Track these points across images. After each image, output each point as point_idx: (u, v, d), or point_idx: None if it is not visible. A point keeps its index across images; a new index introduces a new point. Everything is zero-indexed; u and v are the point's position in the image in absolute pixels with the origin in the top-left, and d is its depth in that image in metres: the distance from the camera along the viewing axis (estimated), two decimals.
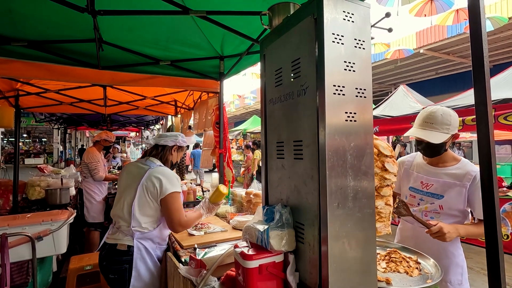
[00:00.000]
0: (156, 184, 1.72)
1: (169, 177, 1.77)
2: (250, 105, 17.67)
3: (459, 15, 6.13)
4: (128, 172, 1.89)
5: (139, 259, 1.72)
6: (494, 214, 0.84)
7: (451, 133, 1.59)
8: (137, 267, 1.71)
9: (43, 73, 2.95)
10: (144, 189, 1.73)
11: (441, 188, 1.66)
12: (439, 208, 1.66)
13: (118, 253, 1.72)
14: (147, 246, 1.76)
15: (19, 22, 2.36)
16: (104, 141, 4.30)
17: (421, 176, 1.75)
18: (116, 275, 1.72)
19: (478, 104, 0.89)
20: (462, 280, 1.64)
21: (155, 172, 1.76)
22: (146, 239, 1.76)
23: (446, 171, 1.67)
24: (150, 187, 1.73)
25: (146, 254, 1.75)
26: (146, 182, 1.73)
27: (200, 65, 3.41)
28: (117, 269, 1.72)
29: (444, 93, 10.57)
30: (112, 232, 1.81)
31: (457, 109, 4.85)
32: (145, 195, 1.73)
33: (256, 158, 8.73)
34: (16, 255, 2.15)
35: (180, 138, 2.00)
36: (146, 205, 1.73)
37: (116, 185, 4.81)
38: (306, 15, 1.01)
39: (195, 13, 2.13)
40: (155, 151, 1.94)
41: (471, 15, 0.90)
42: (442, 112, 1.60)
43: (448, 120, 1.59)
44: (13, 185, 3.76)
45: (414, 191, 1.77)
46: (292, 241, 1.06)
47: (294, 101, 1.09)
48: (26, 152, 18.55)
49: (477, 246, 4.81)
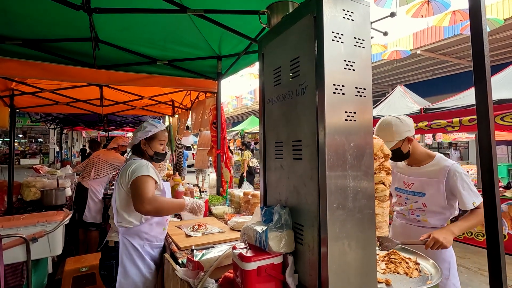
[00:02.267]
0: (126, 174, 1.73)
1: (138, 165, 1.76)
2: (247, 105, 17.68)
3: (456, 16, 6.17)
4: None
5: (125, 254, 1.73)
6: (495, 214, 0.83)
7: (397, 139, 1.67)
8: (123, 262, 1.72)
9: (39, 73, 2.91)
10: (120, 184, 1.75)
11: (421, 187, 1.74)
12: (423, 206, 1.73)
13: (108, 250, 1.76)
14: (134, 242, 1.75)
15: (13, 21, 2.32)
16: (122, 146, 4.39)
17: (403, 177, 1.85)
18: (105, 271, 1.76)
19: (479, 104, 0.88)
20: (449, 275, 1.67)
21: (126, 165, 1.79)
22: (132, 235, 1.76)
23: (422, 170, 1.76)
24: (123, 179, 1.74)
25: (133, 250, 1.75)
26: (120, 176, 1.76)
27: (198, 65, 3.39)
28: (106, 265, 1.76)
29: (441, 93, 10.62)
30: (110, 229, 1.85)
31: (454, 109, 4.89)
32: (122, 188, 1.75)
33: (245, 159, 8.74)
34: (11, 257, 2.12)
35: (139, 132, 1.90)
36: (125, 199, 1.75)
37: (112, 186, 4.79)
38: (305, 14, 1.00)
39: (192, 12, 2.12)
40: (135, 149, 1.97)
41: (472, 14, 0.90)
42: (385, 123, 1.72)
43: (390, 130, 1.68)
44: (8, 186, 3.71)
45: (399, 191, 1.87)
46: (291, 242, 1.05)
47: (293, 101, 1.08)
48: (21, 152, 18.36)
49: (474, 246, 4.83)
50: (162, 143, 1.97)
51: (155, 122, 1.96)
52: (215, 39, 2.86)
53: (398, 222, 1.92)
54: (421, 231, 1.62)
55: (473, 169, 7.82)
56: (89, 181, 4.05)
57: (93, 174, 4.07)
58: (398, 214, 1.91)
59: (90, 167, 4.14)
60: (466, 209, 1.61)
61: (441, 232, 1.50)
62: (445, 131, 4.81)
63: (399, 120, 1.71)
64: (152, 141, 1.92)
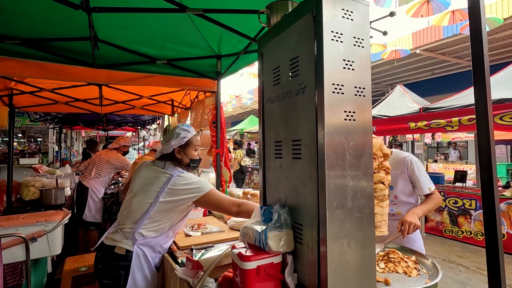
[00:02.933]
0: (182, 193, 1.63)
1: (191, 183, 1.66)
2: (247, 105, 17.66)
3: (455, 15, 6.16)
4: (144, 173, 1.77)
5: (137, 266, 1.61)
6: (494, 214, 0.83)
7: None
8: (134, 274, 1.60)
9: (38, 72, 2.90)
10: (166, 200, 1.62)
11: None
12: (395, 198, 1.88)
13: (115, 257, 1.61)
14: (147, 253, 1.65)
15: (12, 20, 2.31)
16: (123, 147, 4.42)
17: None
18: (110, 280, 1.60)
19: (478, 102, 0.88)
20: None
21: (177, 179, 1.65)
22: (147, 246, 1.65)
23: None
24: (174, 197, 1.63)
25: (145, 261, 1.64)
26: (171, 192, 1.63)
27: (197, 64, 3.38)
28: (112, 274, 1.60)
29: (440, 93, 10.64)
30: (113, 232, 1.70)
31: (453, 109, 4.89)
32: (166, 204, 1.63)
33: (236, 158, 8.79)
34: (10, 256, 2.12)
35: (173, 140, 1.77)
36: (164, 213, 1.65)
37: (112, 185, 4.79)
38: (305, 13, 1.00)
39: (191, 11, 2.11)
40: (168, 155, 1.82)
41: (472, 14, 0.90)
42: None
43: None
44: (7, 185, 3.71)
45: None
46: (290, 242, 1.05)
47: (292, 100, 1.08)
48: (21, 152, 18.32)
49: (473, 245, 4.84)
50: (196, 149, 1.86)
51: (186, 127, 1.82)
52: (214, 38, 2.85)
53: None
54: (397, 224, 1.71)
55: (472, 168, 7.83)
56: (89, 180, 4.06)
57: (94, 173, 4.08)
58: None
59: (91, 167, 4.15)
60: (423, 193, 1.81)
61: (409, 216, 1.64)
62: (444, 130, 4.81)
63: None
64: (187, 147, 1.80)
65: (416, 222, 1.61)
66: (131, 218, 1.65)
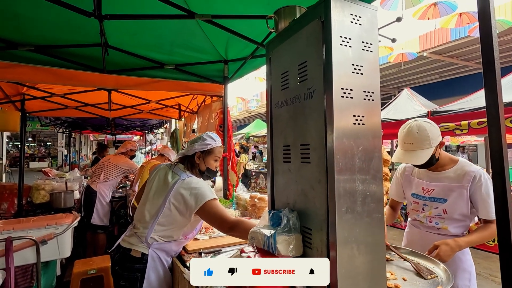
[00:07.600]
0: (184, 199, 1.64)
1: (201, 187, 1.66)
2: (253, 109, 17.68)
3: (462, 18, 6.12)
4: (159, 176, 1.80)
5: (152, 269, 1.65)
6: (507, 219, 0.82)
7: (434, 145, 1.56)
8: (149, 277, 1.64)
9: (49, 77, 2.97)
10: (171, 204, 1.65)
11: (443, 192, 1.64)
12: (443, 212, 1.64)
13: (131, 260, 1.65)
14: (161, 256, 1.69)
15: (26, 27, 2.38)
16: (130, 151, 4.48)
17: (422, 182, 1.74)
18: (127, 282, 1.65)
19: (490, 108, 0.87)
20: (470, 285, 1.62)
21: (181, 186, 1.67)
22: (162, 250, 1.69)
23: (445, 175, 1.66)
24: (177, 202, 1.65)
25: (160, 264, 1.68)
26: (174, 197, 1.65)
27: (205, 69, 3.42)
28: (129, 276, 1.64)
29: (448, 96, 10.49)
30: (129, 235, 1.75)
31: (462, 112, 4.82)
32: (171, 209, 1.65)
33: (242, 162, 8.84)
34: (21, 259, 2.16)
35: (197, 144, 1.80)
36: (171, 219, 1.67)
37: (119, 188, 4.84)
38: (313, 18, 1.00)
39: (200, 17, 2.15)
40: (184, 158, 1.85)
41: (482, 17, 0.89)
42: (417, 129, 1.57)
43: (426, 136, 1.55)
44: (18, 189, 3.77)
45: (417, 197, 1.76)
46: (299, 246, 1.05)
47: (300, 105, 1.08)
48: (31, 155, 18.69)
49: (485, 251, 4.73)
50: (217, 160, 1.88)
51: (214, 136, 1.86)
52: (221, 43, 2.88)
53: (414, 230, 1.81)
54: (441, 239, 1.53)
55: None
56: (98, 184, 4.11)
57: (102, 177, 4.13)
58: (415, 221, 1.80)
59: (99, 171, 4.21)
60: (488, 218, 1.53)
61: (446, 248, 1.46)
62: (454, 134, 4.74)
63: (430, 124, 1.60)
64: (208, 155, 1.83)
65: (447, 259, 1.43)
66: (143, 222, 1.69)
